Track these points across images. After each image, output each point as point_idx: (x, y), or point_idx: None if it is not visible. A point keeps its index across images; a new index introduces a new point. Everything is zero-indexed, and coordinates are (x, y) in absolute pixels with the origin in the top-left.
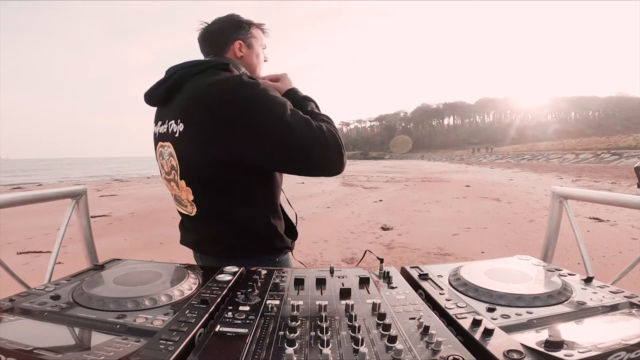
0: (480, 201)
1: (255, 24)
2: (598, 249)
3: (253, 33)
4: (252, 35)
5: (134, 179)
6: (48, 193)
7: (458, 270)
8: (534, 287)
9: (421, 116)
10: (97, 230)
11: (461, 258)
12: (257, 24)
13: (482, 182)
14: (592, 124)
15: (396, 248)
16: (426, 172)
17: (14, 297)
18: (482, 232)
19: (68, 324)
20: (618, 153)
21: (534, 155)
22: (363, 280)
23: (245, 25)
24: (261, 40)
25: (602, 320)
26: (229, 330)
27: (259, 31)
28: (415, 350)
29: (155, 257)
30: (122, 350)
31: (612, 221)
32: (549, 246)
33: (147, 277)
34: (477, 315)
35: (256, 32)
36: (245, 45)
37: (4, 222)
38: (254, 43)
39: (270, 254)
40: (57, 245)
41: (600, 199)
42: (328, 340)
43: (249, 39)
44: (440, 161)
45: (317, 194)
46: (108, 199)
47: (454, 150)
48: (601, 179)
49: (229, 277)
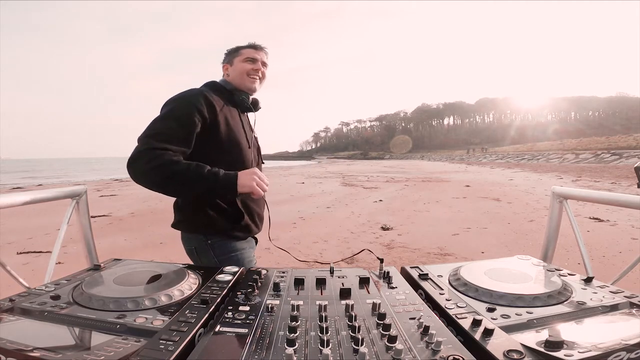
0: (480, 201)
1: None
2: (598, 249)
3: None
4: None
5: None
6: (48, 193)
7: (458, 270)
8: (534, 287)
9: (421, 116)
10: (97, 230)
11: (461, 258)
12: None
13: (482, 182)
14: (592, 124)
15: (396, 248)
16: (426, 172)
17: (14, 297)
18: (482, 232)
19: (68, 324)
20: (618, 153)
21: (534, 155)
22: (363, 280)
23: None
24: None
25: (602, 320)
26: (229, 330)
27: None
28: (415, 350)
29: (155, 257)
30: (122, 350)
31: (612, 221)
32: (549, 246)
33: (147, 277)
34: (477, 315)
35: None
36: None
37: (4, 222)
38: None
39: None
40: (57, 245)
41: (600, 199)
42: (328, 340)
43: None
44: (440, 161)
45: (317, 194)
46: (108, 199)
47: (454, 150)
48: (601, 179)
49: (229, 277)
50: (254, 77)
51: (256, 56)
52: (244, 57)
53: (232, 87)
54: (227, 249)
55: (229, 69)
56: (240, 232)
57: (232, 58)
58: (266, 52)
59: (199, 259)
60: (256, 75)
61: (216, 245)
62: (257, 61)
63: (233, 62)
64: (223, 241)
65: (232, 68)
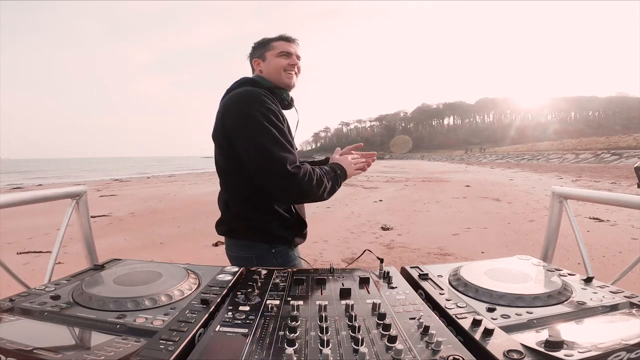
0: (480, 201)
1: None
2: (598, 249)
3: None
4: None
5: (134, 179)
6: (48, 193)
7: (458, 270)
8: (534, 287)
9: (421, 116)
10: (97, 230)
11: (461, 258)
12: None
13: (482, 182)
14: (592, 124)
15: (396, 248)
16: (426, 172)
17: (14, 297)
18: (482, 232)
19: (68, 324)
20: (618, 153)
21: (534, 155)
22: (363, 280)
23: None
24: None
25: (602, 320)
26: (229, 330)
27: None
28: (415, 350)
29: (155, 257)
30: (122, 350)
31: (612, 221)
32: (549, 246)
33: (147, 277)
34: (477, 315)
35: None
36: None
37: (4, 222)
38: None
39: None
40: (57, 245)
41: (600, 199)
42: (328, 340)
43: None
44: (440, 161)
45: None
46: (108, 199)
47: (454, 150)
48: (601, 179)
49: (229, 277)
50: (290, 72)
51: (290, 49)
52: (277, 51)
53: (270, 84)
54: (288, 257)
55: (262, 65)
56: (301, 240)
57: (263, 52)
58: (298, 43)
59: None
60: (293, 71)
61: (279, 254)
62: (292, 55)
63: (265, 56)
64: (286, 249)
65: (265, 63)
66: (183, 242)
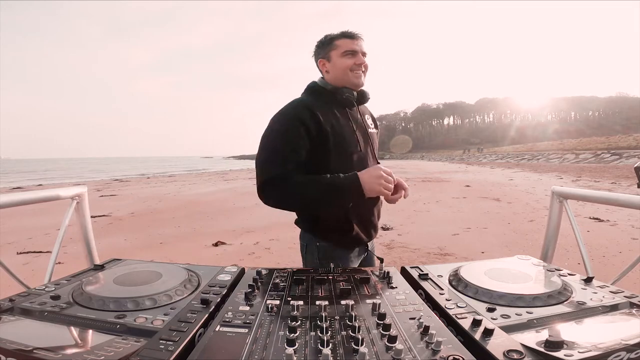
0: (480, 201)
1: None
2: (598, 249)
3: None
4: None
5: (134, 179)
6: (48, 193)
7: (458, 270)
8: (534, 287)
9: (421, 116)
10: (97, 230)
11: (461, 258)
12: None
13: (482, 182)
14: (592, 124)
15: (396, 248)
16: (426, 172)
17: (14, 297)
18: (482, 232)
19: (68, 324)
20: (618, 153)
21: (534, 155)
22: (363, 280)
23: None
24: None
25: (602, 320)
26: (229, 330)
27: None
28: (415, 350)
29: (155, 257)
30: (122, 350)
31: (612, 221)
32: (549, 246)
33: (147, 277)
34: (477, 315)
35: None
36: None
37: (4, 222)
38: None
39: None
40: (57, 245)
41: (600, 199)
42: (328, 340)
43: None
44: (440, 161)
45: None
46: (108, 199)
47: (454, 150)
48: (601, 179)
49: (228, 277)
50: (357, 71)
51: (355, 47)
52: (341, 50)
53: (332, 87)
54: (331, 255)
55: (328, 66)
56: (349, 241)
57: (327, 52)
58: (363, 38)
59: (306, 256)
60: (360, 70)
61: (322, 249)
62: (357, 53)
63: (330, 57)
64: (330, 246)
65: (330, 64)
66: (183, 242)
